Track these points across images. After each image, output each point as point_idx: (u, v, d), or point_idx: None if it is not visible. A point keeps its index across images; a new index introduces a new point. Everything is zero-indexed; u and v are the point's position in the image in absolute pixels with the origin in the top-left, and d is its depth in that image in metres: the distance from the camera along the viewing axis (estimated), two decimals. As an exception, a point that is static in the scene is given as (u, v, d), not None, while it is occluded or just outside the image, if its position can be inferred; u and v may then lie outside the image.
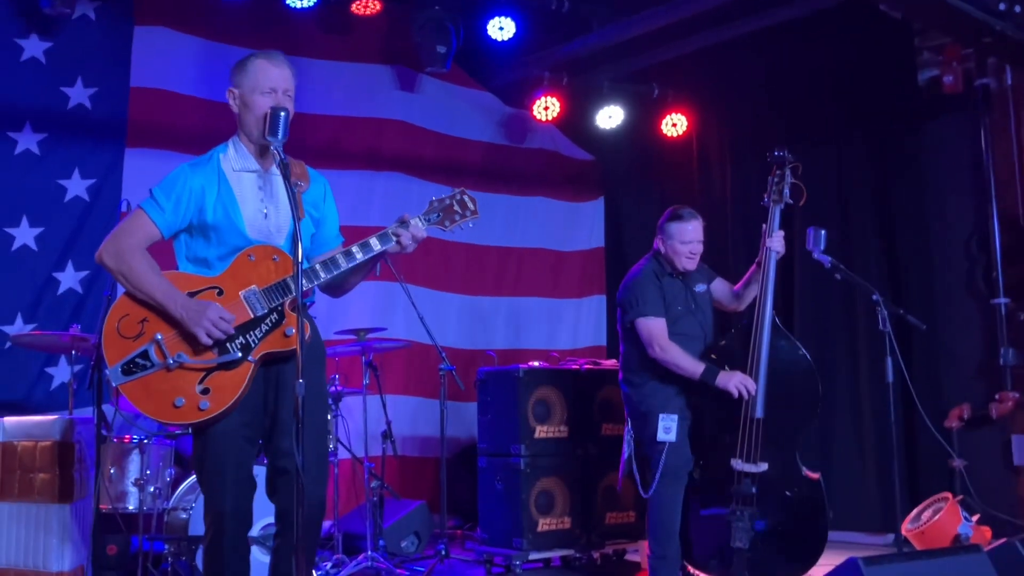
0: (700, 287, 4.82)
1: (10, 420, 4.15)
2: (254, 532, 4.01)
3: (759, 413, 4.49)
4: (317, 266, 3.16)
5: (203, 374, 3.03)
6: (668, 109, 7.56)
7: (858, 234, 6.66)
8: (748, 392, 4.48)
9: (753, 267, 4.78)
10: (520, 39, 6.89)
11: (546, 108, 7.39)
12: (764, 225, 4.72)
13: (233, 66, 3.29)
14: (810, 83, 6.92)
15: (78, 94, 6.08)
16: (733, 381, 4.49)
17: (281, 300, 3.11)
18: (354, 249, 3.18)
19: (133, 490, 4.80)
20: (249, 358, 3.06)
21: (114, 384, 3.01)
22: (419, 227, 3.22)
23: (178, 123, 6.33)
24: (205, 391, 3.02)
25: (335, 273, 3.17)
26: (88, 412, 5.22)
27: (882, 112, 6.61)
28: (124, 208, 4.82)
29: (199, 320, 3.00)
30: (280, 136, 3.05)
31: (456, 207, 3.30)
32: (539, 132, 8.11)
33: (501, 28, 6.78)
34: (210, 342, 3.02)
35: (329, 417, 5.40)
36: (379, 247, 3.20)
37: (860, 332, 6.54)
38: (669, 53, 7.08)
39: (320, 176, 3.41)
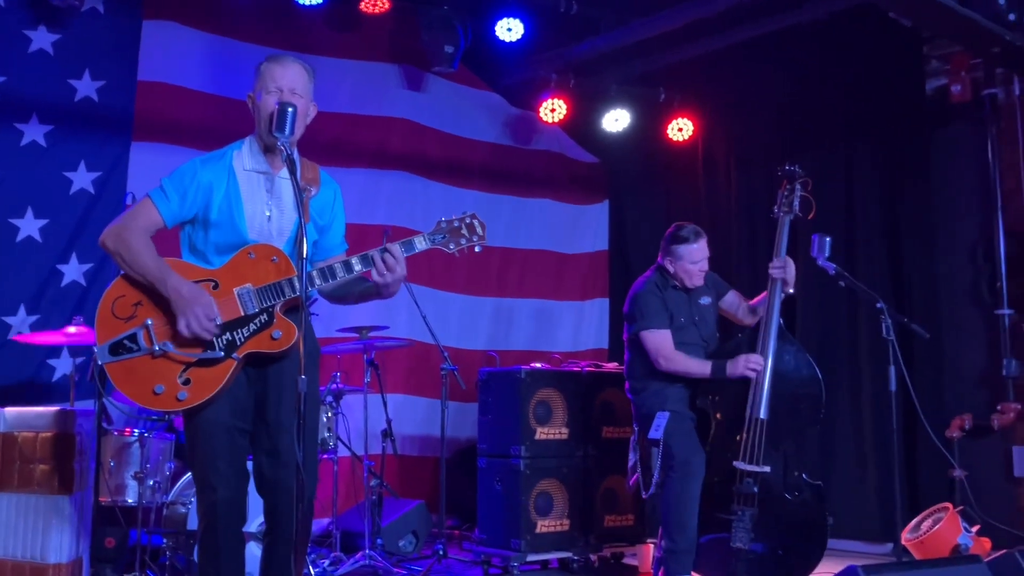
0: (705, 299, 4.90)
1: (11, 410, 4.14)
2: (252, 527, 4.02)
3: (763, 414, 4.53)
4: (314, 273, 3.16)
5: (186, 365, 3.05)
6: (674, 113, 7.55)
7: (863, 241, 6.65)
8: (758, 366, 4.55)
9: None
10: (528, 40, 6.88)
11: (552, 110, 7.38)
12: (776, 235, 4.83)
13: None
14: (818, 89, 6.90)
15: (85, 87, 6.08)
16: (739, 367, 4.57)
17: (273, 302, 3.11)
18: (353, 260, 3.19)
19: (132, 483, 4.79)
20: (233, 355, 3.08)
21: (100, 362, 3.05)
22: (399, 256, 3.14)
23: (185, 118, 6.33)
24: (186, 382, 3.05)
25: (331, 283, 3.19)
26: (89, 404, 5.22)
27: (890, 120, 6.59)
28: (129, 201, 4.83)
29: (185, 309, 3.02)
30: (287, 132, 3.06)
31: (464, 230, 3.31)
32: (545, 134, 8.11)
33: (509, 29, 6.77)
34: (187, 334, 3.02)
35: (325, 418, 5.38)
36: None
37: (862, 340, 6.52)
38: (676, 57, 7.07)
39: (332, 181, 3.42)
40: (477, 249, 3.33)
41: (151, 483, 4.78)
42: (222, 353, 3.07)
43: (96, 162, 6.08)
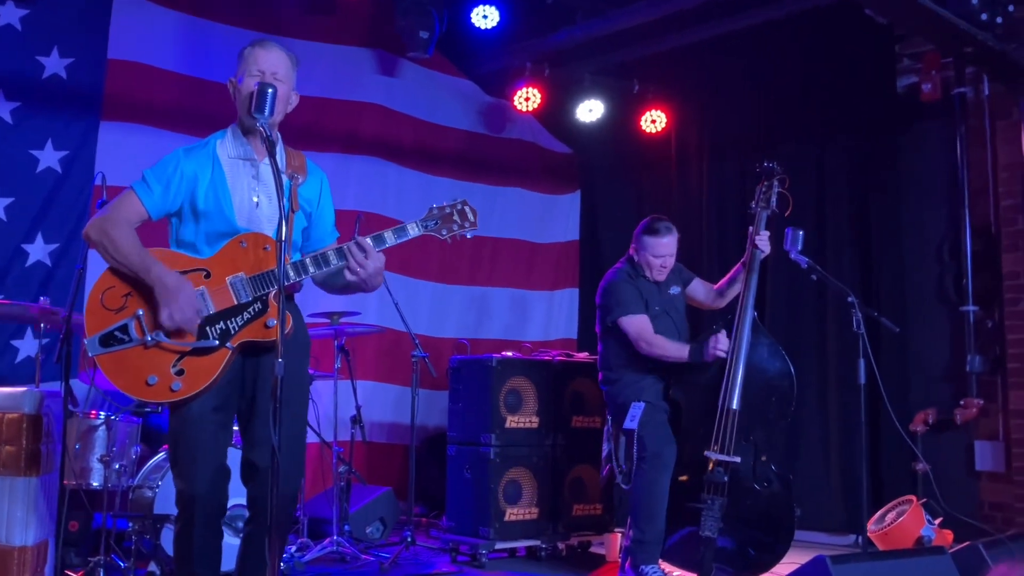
0: (674, 289, 4.97)
1: (-24, 391, 4.07)
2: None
3: (735, 405, 4.56)
4: (307, 260, 3.13)
5: (179, 355, 3.00)
6: (648, 105, 7.56)
7: (833, 236, 6.70)
8: (725, 346, 4.57)
9: (738, 266, 4.94)
10: (503, 28, 6.86)
11: (527, 99, 7.36)
12: (751, 227, 4.87)
13: None
14: (791, 85, 6.95)
15: (54, 64, 5.97)
16: (709, 349, 4.59)
17: (267, 290, 3.08)
18: (330, 254, 3.15)
19: (98, 466, 4.73)
20: (227, 345, 3.03)
21: (91, 354, 2.98)
22: (368, 248, 3.13)
23: (155, 98, 6.23)
24: (180, 372, 3.00)
25: (325, 270, 3.15)
26: (54, 386, 5.14)
27: (861, 116, 6.64)
28: (98, 181, 4.74)
29: (169, 300, 2.97)
30: (267, 113, 3.02)
31: (456, 216, 3.30)
32: (518, 123, 8.09)
33: (485, 16, 6.75)
34: (171, 325, 2.97)
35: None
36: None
37: (830, 334, 6.58)
38: (651, 49, 7.07)
39: (318, 170, 3.40)
40: (468, 235, 3.31)
41: (117, 466, 4.71)
42: (216, 342, 3.02)
43: (64, 141, 5.96)
